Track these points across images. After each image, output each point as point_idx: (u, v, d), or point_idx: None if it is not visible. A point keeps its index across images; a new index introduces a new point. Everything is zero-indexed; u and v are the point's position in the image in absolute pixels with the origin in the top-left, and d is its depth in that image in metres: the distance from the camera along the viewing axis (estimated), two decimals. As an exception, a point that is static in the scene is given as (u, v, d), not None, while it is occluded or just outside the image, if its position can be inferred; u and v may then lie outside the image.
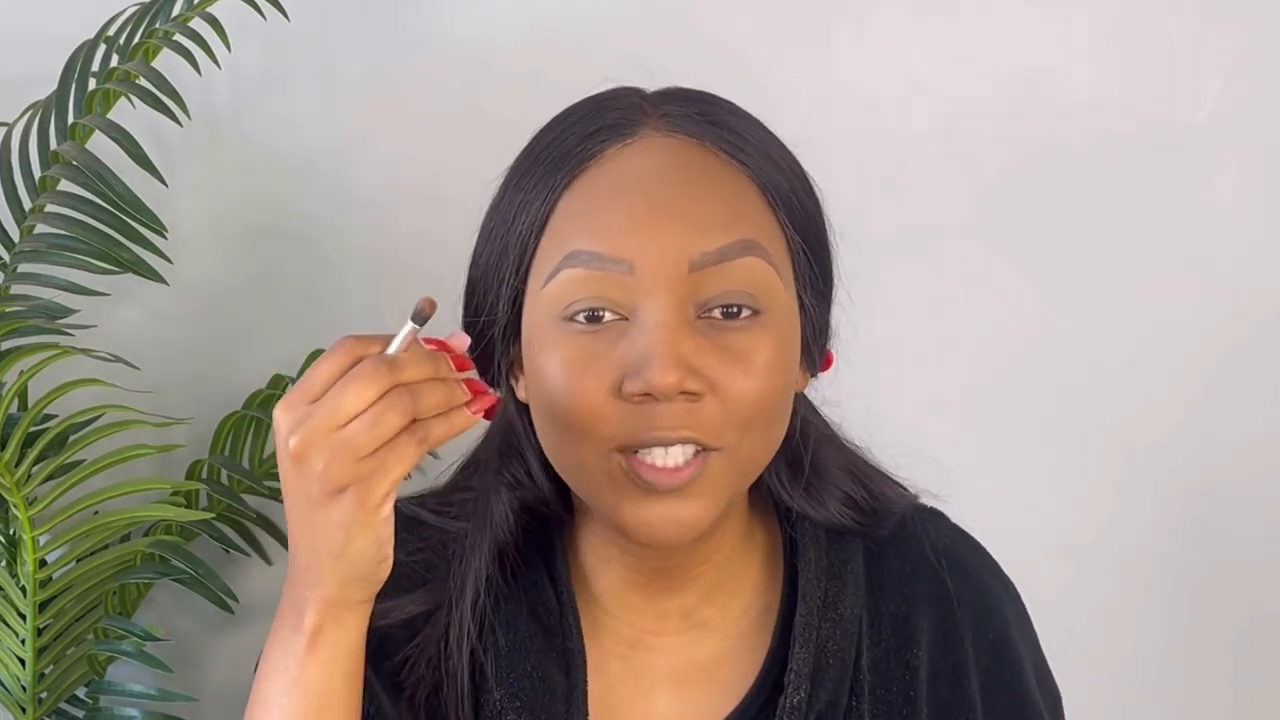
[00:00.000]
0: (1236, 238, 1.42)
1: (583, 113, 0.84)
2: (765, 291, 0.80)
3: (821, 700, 0.86)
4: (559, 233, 0.80)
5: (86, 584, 1.24)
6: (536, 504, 0.89)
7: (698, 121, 0.83)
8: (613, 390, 0.77)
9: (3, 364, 1.16)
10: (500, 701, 0.85)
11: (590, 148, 0.81)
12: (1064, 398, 1.45)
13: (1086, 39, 1.40)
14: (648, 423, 0.77)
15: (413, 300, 0.73)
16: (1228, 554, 1.47)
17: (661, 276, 0.78)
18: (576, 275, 0.79)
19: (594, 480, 0.80)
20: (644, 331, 0.77)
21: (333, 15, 1.39)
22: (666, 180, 0.80)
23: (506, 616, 0.87)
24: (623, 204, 0.79)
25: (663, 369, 0.75)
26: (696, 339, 0.78)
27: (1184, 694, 1.50)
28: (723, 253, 0.78)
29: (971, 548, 0.96)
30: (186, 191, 1.34)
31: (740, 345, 0.78)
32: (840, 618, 0.87)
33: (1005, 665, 0.91)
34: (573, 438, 0.79)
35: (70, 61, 1.26)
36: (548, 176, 0.82)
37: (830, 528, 0.90)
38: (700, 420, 0.77)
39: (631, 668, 0.88)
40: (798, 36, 1.40)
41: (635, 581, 0.88)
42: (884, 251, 1.41)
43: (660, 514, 0.78)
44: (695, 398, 0.77)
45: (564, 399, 0.78)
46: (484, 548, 0.87)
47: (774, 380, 0.79)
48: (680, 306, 0.78)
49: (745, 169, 0.82)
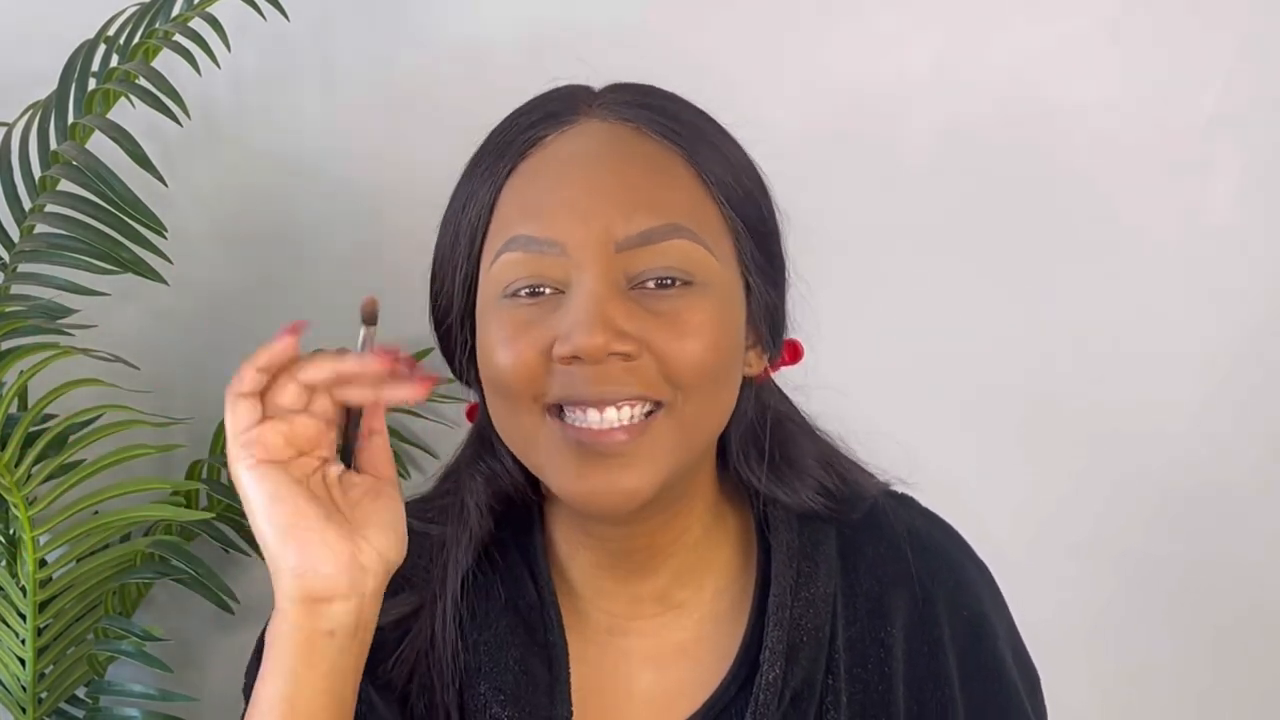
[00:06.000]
0: (1236, 238, 1.42)
1: (529, 106, 0.88)
2: (697, 268, 0.82)
3: (797, 678, 0.87)
4: (502, 218, 0.84)
5: (86, 584, 1.24)
6: (512, 493, 0.91)
7: (634, 107, 0.86)
8: (545, 354, 0.80)
9: (3, 364, 1.16)
10: (485, 695, 0.87)
11: (531, 136, 0.85)
12: (1064, 398, 1.45)
13: (1086, 39, 1.40)
14: (576, 382, 0.79)
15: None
16: (1223, 554, 1.47)
17: (589, 255, 0.81)
18: (515, 258, 0.82)
19: (540, 451, 0.83)
20: (575, 300, 0.80)
21: (333, 15, 1.39)
22: (599, 163, 0.83)
23: (488, 612, 0.89)
24: (554, 189, 0.83)
25: (589, 332, 0.78)
26: (628, 305, 0.80)
27: (1183, 693, 1.50)
28: (646, 235, 0.81)
29: (944, 530, 0.97)
30: (186, 191, 1.34)
31: (672, 308, 0.81)
32: (813, 597, 0.89)
33: (981, 643, 0.93)
34: (513, 405, 0.82)
35: (70, 61, 1.26)
36: (493, 165, 0.85)
37: (802, 512, 0.92)
38: (640, 376, 0.80)
39: (610, 653, 0.90)
40: (798, 36, 1.40)
41: (605, 565, 0.89)
42: (884, 251, 1.42)
43: (601, 481, 0.80)
44: (630, 359, 0.79)
45: (502, 365, 0.81)
46: (463, 543, 0.89)
47: (709, 340, 0.81)
48: (611, 278, 0.80)
49: (680, 151, 0.85)
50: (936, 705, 0.90)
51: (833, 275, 1.10)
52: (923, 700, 0.90)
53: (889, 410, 1.23)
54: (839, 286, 1.34)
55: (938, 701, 0.90)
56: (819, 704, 0.88)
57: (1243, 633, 1.48)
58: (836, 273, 1.22)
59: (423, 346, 1.34)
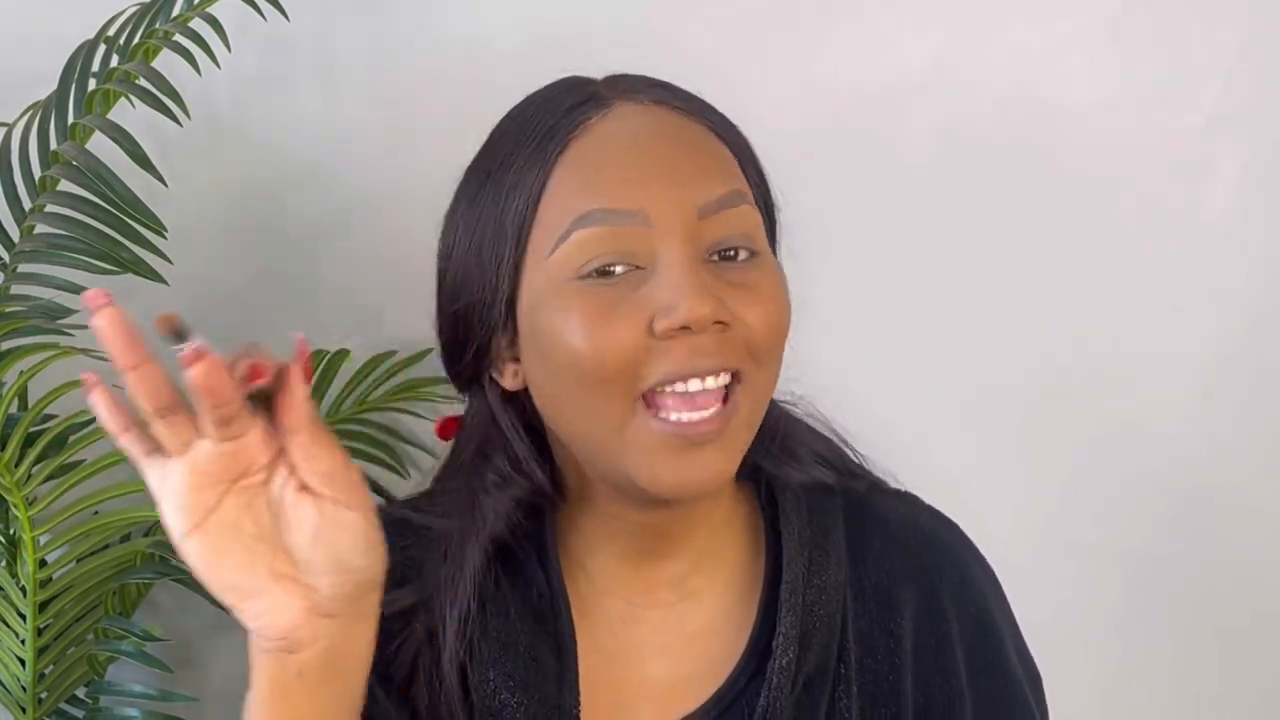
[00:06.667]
0: (1236, 238, 1.42)
1: (547, 96, 0.87)
2: (758, 236, 0.83)
3: (810, 664, 0.87)
4: (561, 199, 0.82)
5: (86, 584, 1.24)
6: (527, 496, 0.90)
7: (656, 91, 0.86)
8: (644, 330, 0.78)
9: (3, 364, 1.16)
10: (495, 681, 0.87)
11: (576, 118, 0.84)
12: (1064, 398, 1.45)
13: (1086, 39, 1.40)
14: (687, 354, 0.78)
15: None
16: (1223, 554, 1.47)
17: (675, 223, 0.80)
18: (590, 234, 0.80)
19: (620, 437, 0.80)
20: (669, 272, 0.79)
21: (333, 15, 1.39)
22: (656, 138, 0.83)
23: (500, 603, 0.89)
24: (626, 162, 0.82)
25: (699, 300, 0.77)
26: (712, 277, 0.80)
27: (1184, 693, 1.50)
28: (723, 200, 0.81)
29: (949, 527, 0.97)
30: (186, 191, 1.34)
31: (747, 279, 0.81)
32: (825, 585, 0.89)
33: (987, 639, 0.93)
34: (601, 389, 0.79)
35: (70, 61, 1.26)
36: (538, 151, 0.83)
37: (809, 487, 0.92)
38: (732, 348, 0.80)
39: (623, 643, 0.90)
40: (798, 36, 1.40)
41: (630, 554, 0.89)
42: (884, 251, 1.42)
43: (695, 469, 0.79)
44: (725, 328, 0.79)
45: (591, 350, 0.79)
46: (477, 541, 0.88)
47: (781, 308, 0.83)
48: (694, 249, 0.80)
49: (711, 128, 0.86)
50: (944, 698, 0.90)
51: (832, 275, 1.10)
52: (930, 693, 0.90)
53: (889, 410, 1.23)
54: (839, 286, 1.34)
55: (945, 694, 0.91)
56: (831, 692, 0.88)
57: (1243, 633, 1.48)
58: (836, 272, 1.22)
59: (424, 347, 1.34)
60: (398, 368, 1.39)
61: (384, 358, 1.39)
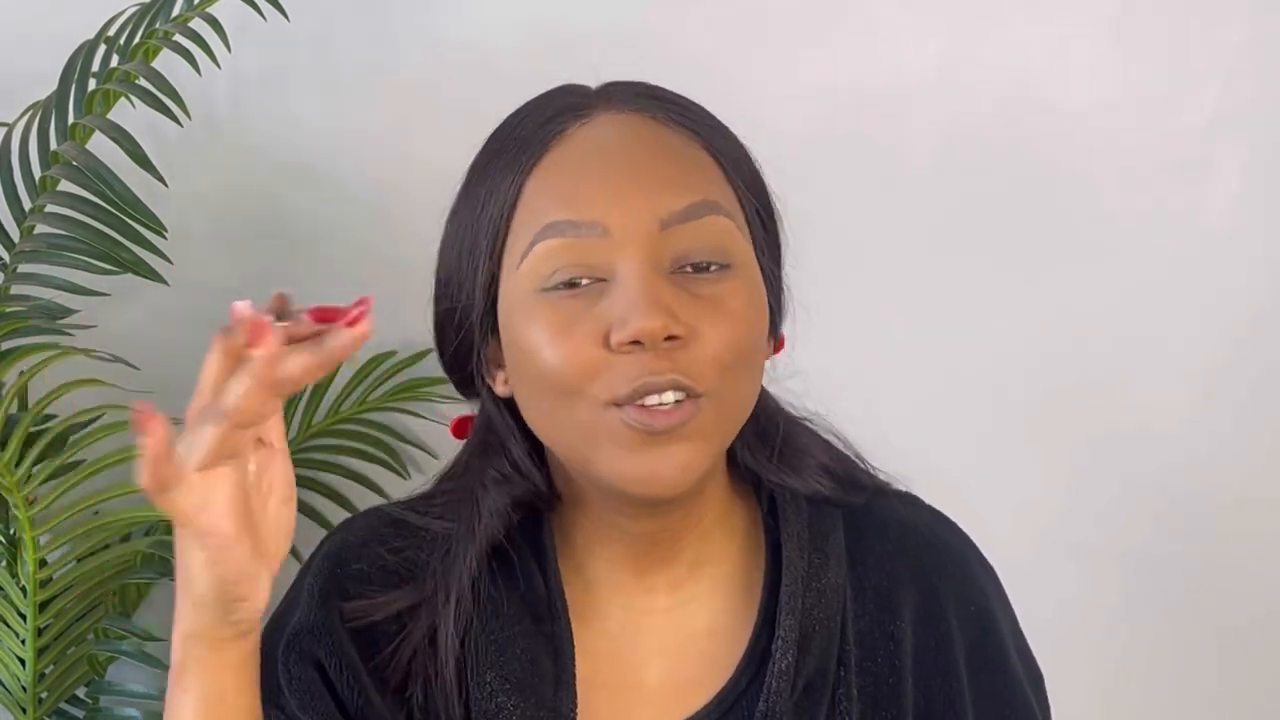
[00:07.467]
0: (1236, 238, 1.42)
1: (534, 105, 0.87)
2: (732, 248, 0.82)
3: (810, 667, 0.87)
4: (530, 211, 0.83)
5: (87, 584, 1.24)
6: (525, 496, 0.90)
7: (644, 98, 0.86)
8: (601, 344, 0.79)
9: (3, 364, 1.16)
10: (491, 684, 0.87)
11: (552, 129, 0.84)
12: (1064, 398, 1.45)
13: (1087, 39, 1.40)
14: (639, 369, 0.78)
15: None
16: (1223, 554, 1.47)
17: (634, 235, 0.80)
18: (553, 245, 0.81)
19: (592, 440, 0.80)
20: (625, 285, 0.79)
21: (333, 15, 1.39)
22: (628, 148, 0.83)
23: (497, 605, 0.89)
24: (590, 173, 0.82)
25: (648, 314, 0.77)
26: (672, 289, 0.79)
27: (1184, 694, 1.50)
28: (688, 211, 0.81)
29: (949, 528, 0.97)
30: (186, 191, 1.34)
31: (713, 293, 0.81)
32: (824, 588, 0.89)
33: (988, 638, 0.93)
34: (568, 400, 0.80)
35: (70, 61, 1.26)
36: (513, 161, 0.84)
37: (809, 497, 0.92)
38: (684, 365, 0.79)
39: (621, 646, 0.90)
40: (799, 37, 1.40)
41: (626, 558, 0.89)
42: (884, 251, 1.42)
43: (658, 460, 0.79)
44: (678, 342, 0.79)
45: (554, 361, 0.80)
46: (475, 542, 0.89)
47: (748, 325, 0.82)
48: (655, 261, 0.80)
49: (696, 136, 0.85)
50: (944, 699, 0.90)
51: (833, 275, 1.10)
52: (931, 694, 0.90)
53: (890, 410, 1.23)
54: (839, 287, 1.34)
55: (946, 695, 0.90)
56: (831, 695, 0.88)
57: (1243, 633, 1.48)
58: (837, 273, 1.22)
59: (424, 347, 1.34)
60: (398, 368, 1.39)
61: (384, 358, 1.39)
